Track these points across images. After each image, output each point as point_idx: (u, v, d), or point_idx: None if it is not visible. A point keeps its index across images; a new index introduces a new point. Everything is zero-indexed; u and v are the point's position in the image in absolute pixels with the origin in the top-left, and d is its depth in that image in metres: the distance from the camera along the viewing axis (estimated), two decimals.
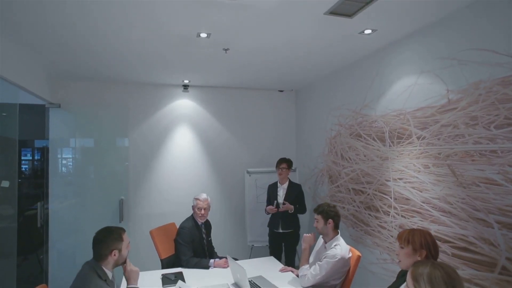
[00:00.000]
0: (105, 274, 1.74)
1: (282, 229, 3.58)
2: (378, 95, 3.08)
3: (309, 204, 4.30)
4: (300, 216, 3.77)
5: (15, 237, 3.53)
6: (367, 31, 2.63)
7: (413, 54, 2.67)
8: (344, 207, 3.58)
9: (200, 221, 2.96)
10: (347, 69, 3.58)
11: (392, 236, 2.90)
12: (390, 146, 2.92)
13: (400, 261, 1.85)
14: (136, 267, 1.91)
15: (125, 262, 1.86)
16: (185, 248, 2.79)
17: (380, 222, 3.04)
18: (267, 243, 3.85)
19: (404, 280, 1.87)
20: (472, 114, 2.16)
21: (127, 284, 1.85)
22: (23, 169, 7.70)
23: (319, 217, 2.40)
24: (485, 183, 2.06)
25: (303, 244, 2.50)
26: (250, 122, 4.66)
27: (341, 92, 3.70)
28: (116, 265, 1.82)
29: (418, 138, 2.60)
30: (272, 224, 3.68)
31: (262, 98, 4.73)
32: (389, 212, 2.92)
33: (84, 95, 4.01)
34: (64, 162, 4.19)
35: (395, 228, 2.86)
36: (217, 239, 3.68)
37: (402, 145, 2.77)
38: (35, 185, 6.81)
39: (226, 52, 3.07)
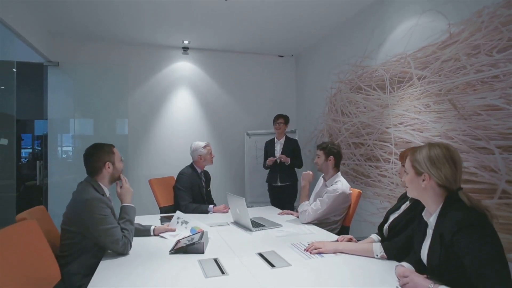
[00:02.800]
0: (102, 189, 1.71)
1: (280, 183, 3.61)
2: (378, 44, 3.05)
3: (309, 167, 4.30)
4: (298, 171, 3.78)
5: (14, 206, 3.53)
6: None
7: None
8: (344, 163, 3.57)
9: (211, 164, 2.96)
10: (347, 24, 3.54)
11: (392, 183, 2.89)
12: (390, 92, 2.89)
13: (403, 180, 1.83)
14: (131, 188, 1.87)
15: (119, 177, 1.82)
16: (184, 193, 2.77)
17: (381, 171, 3.03)
18: (266, 204, 3.84)
19: (404, 202, 1.87)
20: (474, 44, 2.13)
21: (121, 203, 1.81)
22: (23, 161, 7.74)
23: (320, 152, 2.38)
24: (487, 110, 2.05)
25: (302, 181, 2.49)
26: (250, 86, 4.64)
27: (341, 49, 3.66)
28: (112, 179, 1.77)
29: (418, 79, 2.58)
30: (270, 179, 3.70)
31: (262, 63, 4.70)
32: (390, 159, 2.91)
33: (84, 55, 3.98)
34: (63, 123, 4.16)
35: (395, 174, 2.85)
36: (217, 200, 3.67)
37: (402, 89, 2.75)
38: (35, 166, 6.81)
39: (226, 0, 3.03)
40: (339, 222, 2.35)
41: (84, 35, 3.83)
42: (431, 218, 1.21)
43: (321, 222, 2.31)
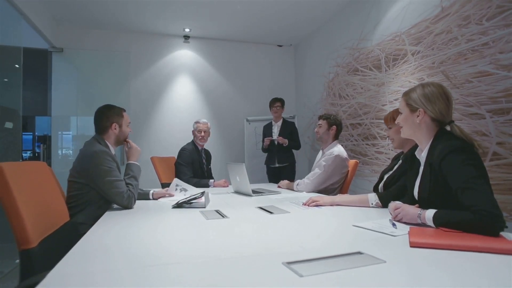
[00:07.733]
0: (108, 146, 1.78)
1: (278, 164, 3.67)
2: (374, 25, 3.13)
3: (308, 153, 4.37)
4: (296, 153, 3.85)
5: None
6: None
7: None
8: (341, 145, 3.63)
9: (201, 143, 3.01)
10: (344, 9, 3.63)
11: (388, 159, 2.96)
12: (386, 71, 2.98)
13: (393, 139, 1.89)
14: (139, 147, 1.96)
15: (126, 140, 1.90)
16: (185, 168, 2.84)
17: (377, 148, 3.10)
18: None
19: (397, 162, 1.94)
20: (465, 14, 2.22)
21: (127, 161, 1.88)
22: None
23: (323, 122, 2.44)
24: (477, 77, 2.12)
25: (285, 188, 2.53)
26: (250, 75, 4.73)
27: (339, 34, 3.75)
28: (117, 141, 1.84)
29: (412, 54, 2.66)
30: (268, 160, 3.78)
31: (262, 53, 4.80)
32: (386, 135, 2.98)
33: (87, 41, 4.07)
34: (65, 120, 4.21)
35: (391, 150, 2.92)
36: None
37: (397, 66, 2.83)
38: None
39: None
40: (337, 190, 2.41)
41: (88, 21, 3.93)
42: (422, 153, 1.27)
43: (320, 191, 2.36)
